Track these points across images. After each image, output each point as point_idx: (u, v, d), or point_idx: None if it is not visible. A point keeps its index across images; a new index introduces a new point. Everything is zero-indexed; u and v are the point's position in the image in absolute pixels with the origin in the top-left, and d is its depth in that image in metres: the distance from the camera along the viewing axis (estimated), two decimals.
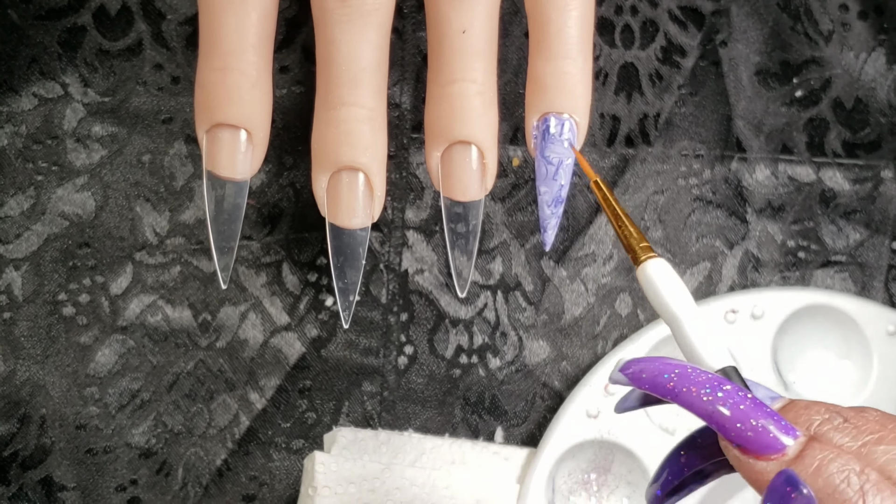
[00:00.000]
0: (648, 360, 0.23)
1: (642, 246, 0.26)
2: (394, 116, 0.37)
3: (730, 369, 0.23)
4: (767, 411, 0.21)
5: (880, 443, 0.21)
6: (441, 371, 0.37)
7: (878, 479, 0.19)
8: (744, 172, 0.39)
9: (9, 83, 0.37)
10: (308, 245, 0.37)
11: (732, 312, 0.37)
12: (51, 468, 0.35)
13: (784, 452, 0.21)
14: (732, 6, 0.39)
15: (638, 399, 0.24)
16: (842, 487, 0.20)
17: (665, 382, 0.22)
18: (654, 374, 0.23)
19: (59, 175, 0.36)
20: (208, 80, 0.29)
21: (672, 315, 0.25)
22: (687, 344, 0.24)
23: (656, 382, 0.22)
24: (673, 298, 0.25)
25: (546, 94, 0.30)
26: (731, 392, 0.21)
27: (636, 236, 0.26)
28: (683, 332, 0.24)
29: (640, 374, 0.23)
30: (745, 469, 0.21)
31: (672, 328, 0.25)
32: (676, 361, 0.23)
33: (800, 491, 0.19)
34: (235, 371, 0.36)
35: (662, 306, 0.25)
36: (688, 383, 0.22)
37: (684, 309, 0.24)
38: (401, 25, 0.38)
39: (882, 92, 0.39)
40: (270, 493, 0.36)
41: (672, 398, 0.22)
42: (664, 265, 0.25)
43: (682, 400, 0.22)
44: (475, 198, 0.31)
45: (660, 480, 0.24)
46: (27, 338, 0.36)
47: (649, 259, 0.25)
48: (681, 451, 0.24)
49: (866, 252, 0.39)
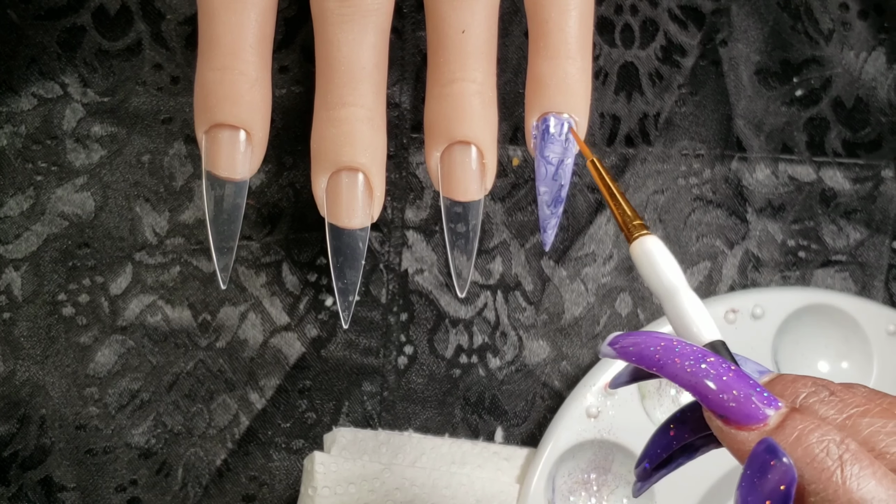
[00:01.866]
0: (636, 333, 0.24)
1: (636, 223, 0.26)
2: (393, 116, 0.37)
3: (718, 343, 0.24)
4: (750, 382, 0.21)
5: (865, 416, 0.21)
6: (441, 371, 0.37)
7: (857, 450, 0.20)
8: (744, 172, 0.39)
9: (8, 83, 0.37)
10: (308, 245, 0.37)
11: (733, 312, 0.37)
12: (51, 468, 0.35)
13: (766, 423, 0.21)
14: (733, 5, 0.39)
15: (629, 374, 0.25)
16: (821, 457, 0.20)
17: (651, 354, 0.22)
18: (641, 347, 0.23)
19: (58, 175, 0.36)
20: (207, 80, 0.29)
21: (662, 289, 0.25)
22: (676, 318, 0.24)
23: (642, 354, 0.23)
24: (663, 273, 0.25)
25: (546, 94, 0.30)
26: (714, 363, 0.22)
27: (630, 214, 0.26)
28: (673, 306, 0.25)
29: (628, 347, 0.23)
30: (728, 439, 0.21)
31: (663, 303, 0.25)
32: (664, 335, 0.23)
33: (779, 459, 0.20)
34: (235, 371, 0.36)
35: (653, 281, 0.25)
36: (672, 355, 0.22)
37: (674, 283, 0.25)
38: (400, 25, 0.38)
39: (882, 91, 0.39)
40: (270, 493, 0.36)
41: (657, 369, 0.22)
42: (656, 242, 0.25)
43: (666, 371, 0.22)
44: (475, 197, 0.31)
45: (649, 454, 0.24)
46: (27, 338, 0.36)
47: (642, 236, 0.26)
48: (670, 424, 0.24)
49: (867, 251, 0.39)
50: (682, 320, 0.24)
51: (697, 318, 0.24)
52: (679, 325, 0.24)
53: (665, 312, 0.25)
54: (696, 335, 0.24)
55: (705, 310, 0.24)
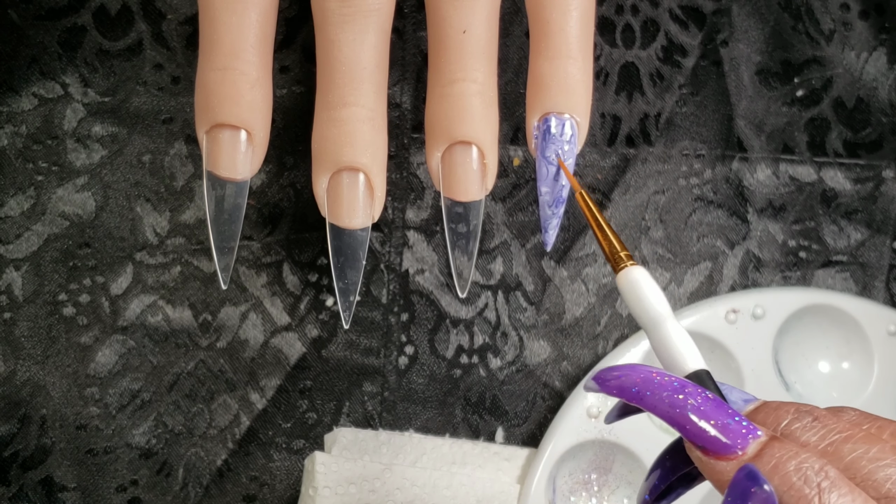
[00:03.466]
0: (619, 367, 0.24)
1: (622, 254, 0.26)
2: (394, 116, 0.37)
3: (702, 372, 0.24)
4: (728, 412, 0.21)
5: (847, 441, 0.21)
6: (442, 371, 0.37)
7: (836, 476, 0.19)
8: (745, 172, 0.39)
9: (9, 83, 0.36)
10: (308, 245, 0.37)
11: (733, 312, 0.37)
12: (51, 468, 0.35)
13: (744, 452, 0.21)
14: (733, 6, 0.39)
15: (619, 409, 0.25)
16: (798, 484, 0.20)
17: (630, 387, 0.23)
18: (622, 381, 0.23)
19: (59, 175, 0.36)
20: (208, 80, 0.29)
21: (648, 319, 0.25)
22: (662, 348, 0.25)
23: (622, 387, 0.23)
24: (649, 304, 0.25)
25: (547, 94, 0.30)
26: (692, 393, 0.22)
27: (616, 245, 0.26)
28: (658, 336, 0.25)
29: (609, 381, 0.23)
30: (707, 469, 0.21)
31: (648, 334, 0.25)
32: (645, 367, 0.23)
33: (760, 486, 0.19)
34: (236, 371, 0.36)
35: (638, 311, 0.25)
36: (651, 387, 0.22)
37: (660, 313, 0.25)
38: (401, 25, 0.38)
39: (883, 91, 0.39)
40: (271, 493, 0.36)
41: (638, 402, 0.22)
42: (642, 272, 0.26)
43: (646, 403, 0.22)
44: (476, 198, 0.31)
45: (649, 485, 0.24)
46: (27, 338, 0.36)
47: (627, 267, 0.26)
48: (666, 456, 0.24)
49: (867, 252, 0.39)
50: (668, 350, 0.24)
51: (682, 347, 0.24)
52: (664, 355, 0.25)
53: (651, 344, 0.25)
54: (681, 365, 0.24)
55: (690, 339, 0.25)
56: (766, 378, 0.37)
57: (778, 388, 0.37)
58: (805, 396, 0.38)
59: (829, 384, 0.38)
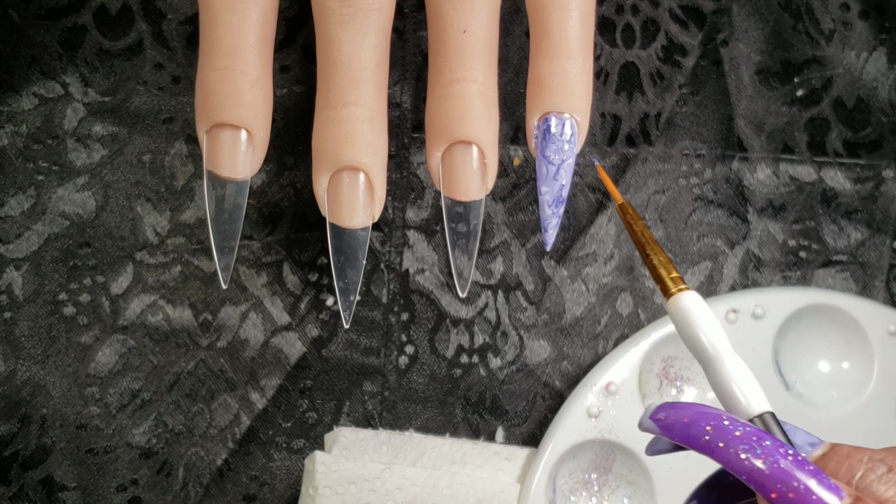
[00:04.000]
0: (681, 407, 0.22)
1: (673, 277, 0.24)
2: (394, 116, 0.37)
3: (767, 416, 0.22)
4: (810, 469, 0.20)
5: None
6: (442, 371, 0.37)
7: None
8: (745, 172, 0.39)
9: (9, 83, 0.37)
10: (309, 245, 0.37)
11: (733, 312, 0.37)
12: (51, 468, 0.35)
13: None
14: (734, 5, 0.39)
15: (670, 444, 0.23)
16: None
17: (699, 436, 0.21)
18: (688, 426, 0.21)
19: (59, 175, 0.36)
20: (209, 80, 0.29)
21: (706, 354, 0.23)
22: (720, 386, 0.23)
23: (689, 435, 0.21)
24: (707, 336, 0.23)
25: (547, 94, 0.30)
26: (770, 449, 0.20)
27: (666, 266, 0.25)
28: (718, 373, 0.23)
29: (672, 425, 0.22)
30: None
31: (704, 367, 0.24)
32: (711, 410, 0.22)
33: None
34: (236, 371, 0.36)
35: (695, 344, 0.24)
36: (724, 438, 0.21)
37: (719, 348, 0.23)
38: (401, 25, 0.38)
39: (883, 91, 0.39)
40: (271, 492, 0.36)
41: (707, 454, 0.21)
42: (697, 299, 0.24)
43: (718, 456, 0.21)
44: (476, 197, 0.31)
45: None
46: (28, 338, 0.36)
47: (681, 291, 0.24)
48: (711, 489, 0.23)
49: (867, 252, 0.39)
50: (728, 388, 0.23)
51: (745, 388, 0.23)
52: (723, 393, 0.23)
53: (707, 377, 0.24)
54: (745, 407, 0.22)
55: (751, 375, 0.23)
56: (767, 378, 0.37)
57: (778, 387, 0.37)
58: (805, 396, 0.38)
59: (829, 384, 0.38)
